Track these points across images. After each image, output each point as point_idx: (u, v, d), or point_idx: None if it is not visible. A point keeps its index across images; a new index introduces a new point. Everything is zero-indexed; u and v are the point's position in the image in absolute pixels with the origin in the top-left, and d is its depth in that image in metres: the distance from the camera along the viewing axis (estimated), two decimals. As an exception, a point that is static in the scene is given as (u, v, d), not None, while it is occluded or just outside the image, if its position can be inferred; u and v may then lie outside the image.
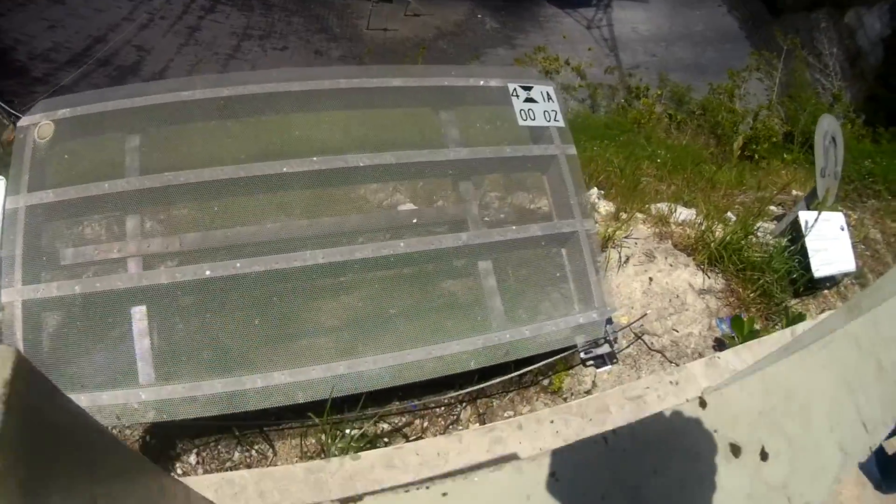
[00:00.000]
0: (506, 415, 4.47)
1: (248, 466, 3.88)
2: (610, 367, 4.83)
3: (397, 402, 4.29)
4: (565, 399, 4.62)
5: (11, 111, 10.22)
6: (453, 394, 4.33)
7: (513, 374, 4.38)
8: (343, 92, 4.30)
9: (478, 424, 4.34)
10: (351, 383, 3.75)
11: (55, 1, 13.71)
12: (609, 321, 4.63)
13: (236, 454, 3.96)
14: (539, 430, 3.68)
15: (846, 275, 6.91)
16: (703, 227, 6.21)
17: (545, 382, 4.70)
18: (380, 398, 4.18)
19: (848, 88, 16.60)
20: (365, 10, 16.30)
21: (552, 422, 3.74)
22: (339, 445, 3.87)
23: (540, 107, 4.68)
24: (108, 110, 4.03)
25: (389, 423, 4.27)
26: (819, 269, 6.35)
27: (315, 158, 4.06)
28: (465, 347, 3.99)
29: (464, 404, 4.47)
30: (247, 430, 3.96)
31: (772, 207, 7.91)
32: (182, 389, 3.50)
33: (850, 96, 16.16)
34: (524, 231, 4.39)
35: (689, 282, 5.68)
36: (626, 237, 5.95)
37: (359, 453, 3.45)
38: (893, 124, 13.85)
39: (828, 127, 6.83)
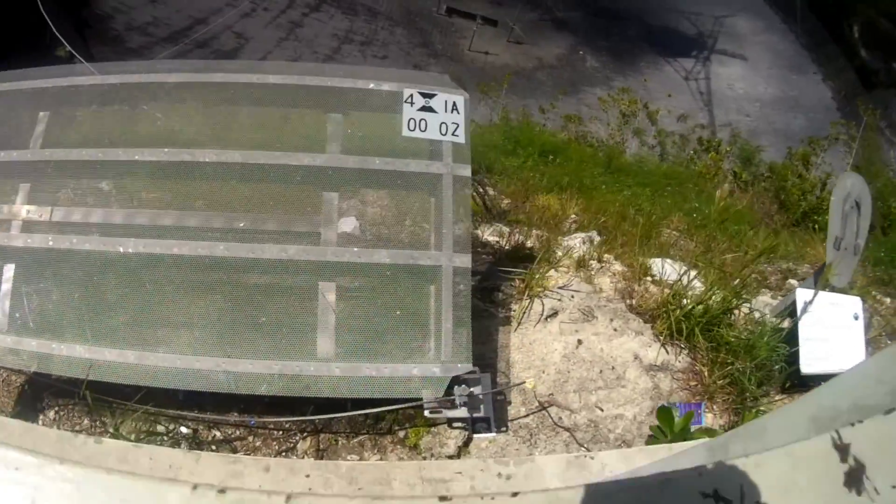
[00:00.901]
0: (349, 457, 3.90)
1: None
2: (493, 434, 4.21)
3: (236, 414, 3.95)
4: (424, 458, 4.06)
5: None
6: (291, 419, 3.89)
7: (345, 414, 3.83)
8: (212, 87, 4.03)
9: (313, 459, 3.84)
10: (137, 376, 3.62)
11: (159, -24, 14.03)
12: (493, 382, 3.98)
13: (86, 420, 3.94)
14: (287, 480, 3.13)
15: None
16: (672, 290, 5.05)
17: (402, 434, 4.13)
18: (224, 404, 3.92)
19: None
20: (469, 30, 16.01)
21: (308, 476, 3.16)
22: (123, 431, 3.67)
23: (438, 118, 4.05)
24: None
25: (223, 433, 3.95)
26: (809, 363, 4.94)
27: (165, 150, 3.93)
28: (258, 369, 3.63)
29: (304, 434, 3.97)
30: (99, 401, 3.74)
31: (792, 281, 6.94)
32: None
33: None
34: (367, 255, 3.78)
35: (637, 353, 4.58)
36: (561, 287, 4.90)
37: (102, 438, 3.10)
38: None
39: (851, 188, 5.36)
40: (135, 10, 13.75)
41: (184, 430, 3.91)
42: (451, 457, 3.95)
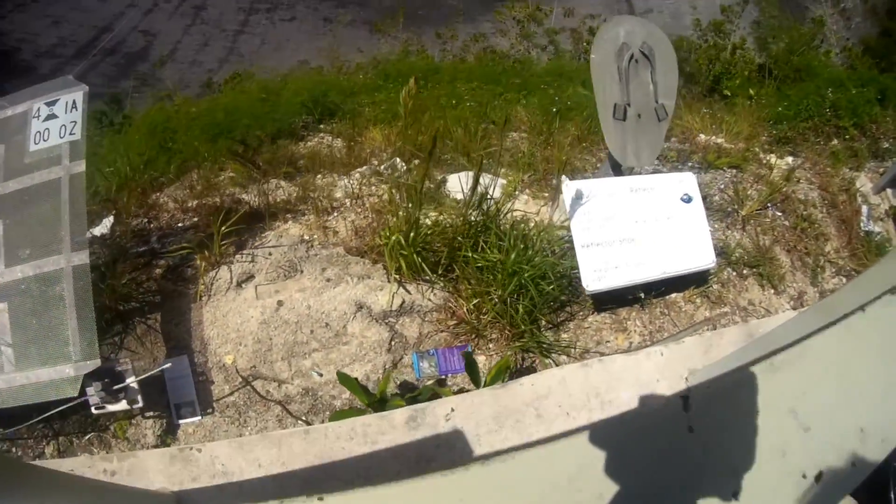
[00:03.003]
0: (81, 455, 3.69)
1: None
2: (198, 418, 3.81)
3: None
4: (132, 448, 3.73)
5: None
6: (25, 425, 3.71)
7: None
8: None
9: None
10: None
11: (57, -3, 13.63)
12: (191, 363, 3.84)
13: None
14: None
15: (703, 272, 4.59)
16: (398, 217, 4.16)
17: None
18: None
19: (861, 23, 13.93)
20: (373, -31, 15.22)
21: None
22: None
23: (59, 122, 3.78)
24: None
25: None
26: (600, 276, 3.99)
27: None
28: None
29: (48, 439, 3.83)
30: None
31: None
32: None
33: (864, 31, 13.52)
34: (9, 275, 3.56)
35: (362, 301, 4.02)
36: (257, 246, 4.35)
37: None
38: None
39: (625, 36, 4.23)
40: (39, 35, 13.40)
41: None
42: (155, 446, 3.64)
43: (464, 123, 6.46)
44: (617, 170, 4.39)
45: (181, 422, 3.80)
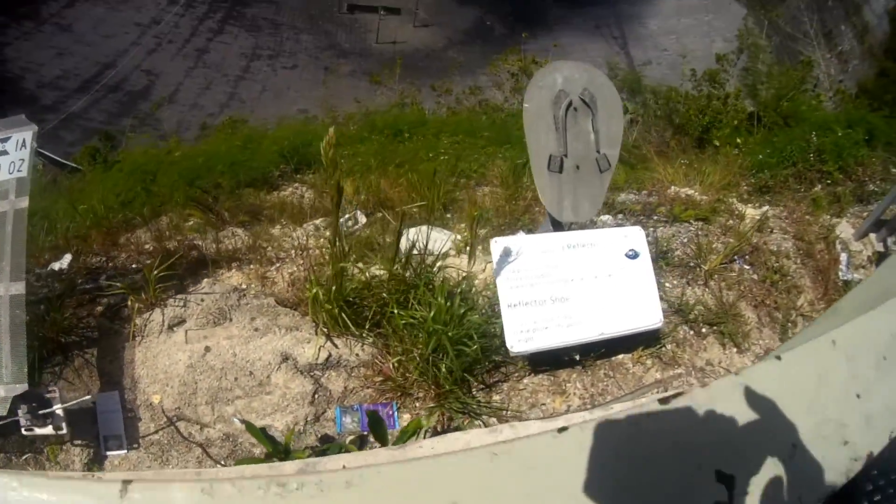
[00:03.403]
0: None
1: None
2: (124, 451, 3.81)
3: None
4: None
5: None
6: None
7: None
8: None
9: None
10: None
11: (62, 28, 13.87)
12: (122, 399, 3.85)
13: None
14: None
15: (654, 332, 4.23)
16: (330, 269, 3.99)
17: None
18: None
19: (858, 65, 14.00)
20: (374, 23, 15.47)
21: None
22: None
23: (9, 159, 3.85)
24: None
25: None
26: (528, 337, 3.72)
27: None
28: None
29: None
30: None
31: (604, 217, 6.07)
32: None
33: (861, 73, 13.56)
34: None
35: (288, 353, 3.96)
36: (191, 292, 4.31)
37: None
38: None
39: (564, 83, 4.00)
40: (44, 66, 13.63)
41: None
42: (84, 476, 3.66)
43: (430, 177, 6.45)
44: (558, 225, 4.18)
45: (108, 453, 3.82)
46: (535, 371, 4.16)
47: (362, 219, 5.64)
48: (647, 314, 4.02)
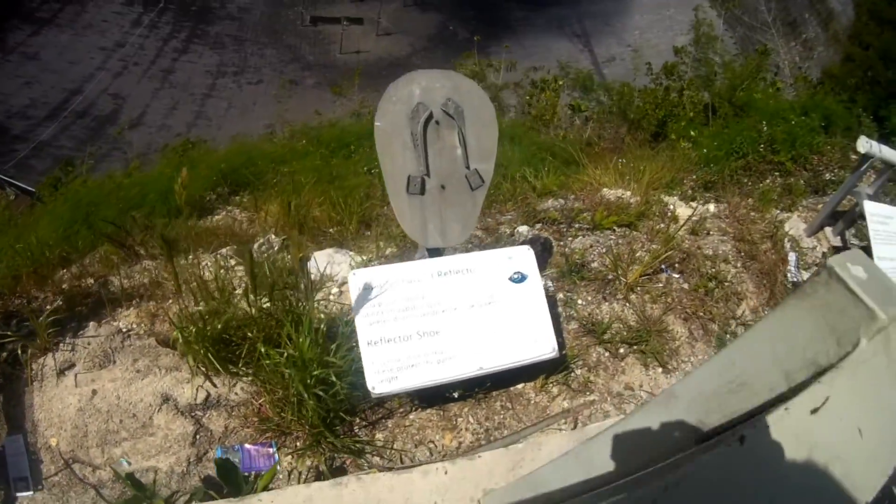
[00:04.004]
0: None
1: None
2: (31, 493, 3.84)
3: None
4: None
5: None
6: None
7: None
8: None
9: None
10: None
11: (29, 57, 13.90)
12: (25, 442, 3.85)
13: None
14: None
15: (537, 364, 3.81)
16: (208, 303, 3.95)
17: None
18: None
19: (823, 52, 13.92)
20: (336, 34, 15.45)
21: None
22: None
23: None
24: None
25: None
26: (392, 377, 3.46)
27: None
28: None
29: None
30: None
31: (521, 228, 5.71)
32: None
33: (826, 60, 13.46)
34: None
35: (169, 394, 3.92)
36: (78, 336, 4.24)
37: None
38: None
39: (422, 95, 3.70)
40: (11, 96, 13.69)
41: None
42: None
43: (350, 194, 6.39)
44: (434, 251, 3.94)
45: (18, 494, 3.87)
46: (423, 406, 4.00)
47: (276, 243, 5.60)
48: (537, 343, 3.72)
